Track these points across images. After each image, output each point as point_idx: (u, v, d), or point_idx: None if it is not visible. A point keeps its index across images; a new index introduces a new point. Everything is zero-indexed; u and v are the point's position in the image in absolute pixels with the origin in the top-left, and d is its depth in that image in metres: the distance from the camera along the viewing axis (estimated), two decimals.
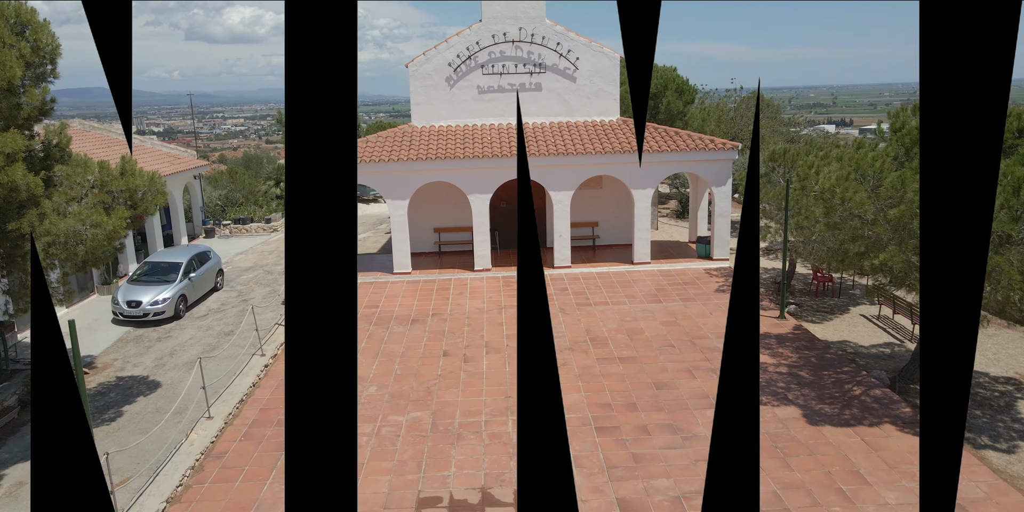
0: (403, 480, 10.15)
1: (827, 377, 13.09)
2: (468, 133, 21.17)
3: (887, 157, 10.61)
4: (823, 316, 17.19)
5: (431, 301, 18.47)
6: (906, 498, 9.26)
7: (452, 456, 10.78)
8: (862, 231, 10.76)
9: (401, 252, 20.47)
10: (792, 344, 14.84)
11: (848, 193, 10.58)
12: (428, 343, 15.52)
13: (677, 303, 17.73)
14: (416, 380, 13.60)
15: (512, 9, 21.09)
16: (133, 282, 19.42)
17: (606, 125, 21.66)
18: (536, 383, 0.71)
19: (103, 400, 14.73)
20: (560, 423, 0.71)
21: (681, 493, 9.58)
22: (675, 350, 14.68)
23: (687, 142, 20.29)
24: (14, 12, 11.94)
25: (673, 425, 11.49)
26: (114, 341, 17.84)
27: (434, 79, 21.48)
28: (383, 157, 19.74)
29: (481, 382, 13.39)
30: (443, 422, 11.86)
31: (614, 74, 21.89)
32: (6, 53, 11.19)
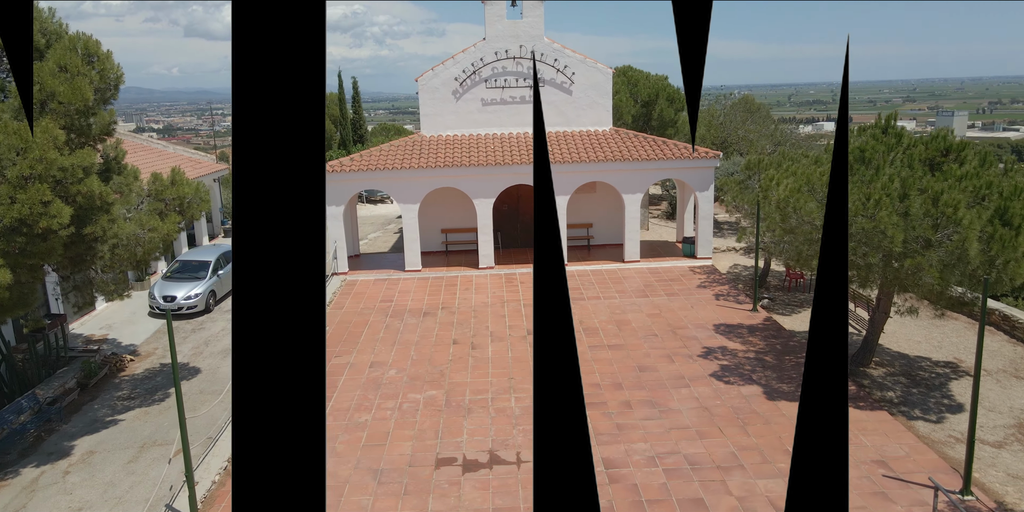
0: (423, 444, 12.08)
1: (788, 361, 15.04)
2: (473, 142, 23.09)
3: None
4: (792, 309, 19.14)
5: (440, 296, 20.39)
6: None
7: (464, 426, 12.71)
8: (812, 236, 12.70)
9: (412, 251, 22.40)
10: (761, 333, 16.78)
11: (800, 203, 12.51)
12: (439, 333, 17.45)
13: (662, 298, 19.66)
14: (430, 364, 15.53)
15: (513, 28, 22.99)
16: (167, 279, 21.34)
17: (599, 134, 23.58)
18: (556, 355, 0.65)
19: (151, 383, 16.64)
20: (578, 390, 0.66)
21: (655, 454, 11.52)
22: (658, 339, 16.61)
23: (673, 151, 22.21)
24: (83, 45, 13.83)
25: (652, 401, 13.43)
26: (153, 332, 19.76)
27: (442, 92, 23.39)
28: (396, 164, 21.65)
29: (487, 366, 15.32)
30: (455, 399, 13.79)
31: (607, 87, 23.80)
32: (81, 80, 13.08)
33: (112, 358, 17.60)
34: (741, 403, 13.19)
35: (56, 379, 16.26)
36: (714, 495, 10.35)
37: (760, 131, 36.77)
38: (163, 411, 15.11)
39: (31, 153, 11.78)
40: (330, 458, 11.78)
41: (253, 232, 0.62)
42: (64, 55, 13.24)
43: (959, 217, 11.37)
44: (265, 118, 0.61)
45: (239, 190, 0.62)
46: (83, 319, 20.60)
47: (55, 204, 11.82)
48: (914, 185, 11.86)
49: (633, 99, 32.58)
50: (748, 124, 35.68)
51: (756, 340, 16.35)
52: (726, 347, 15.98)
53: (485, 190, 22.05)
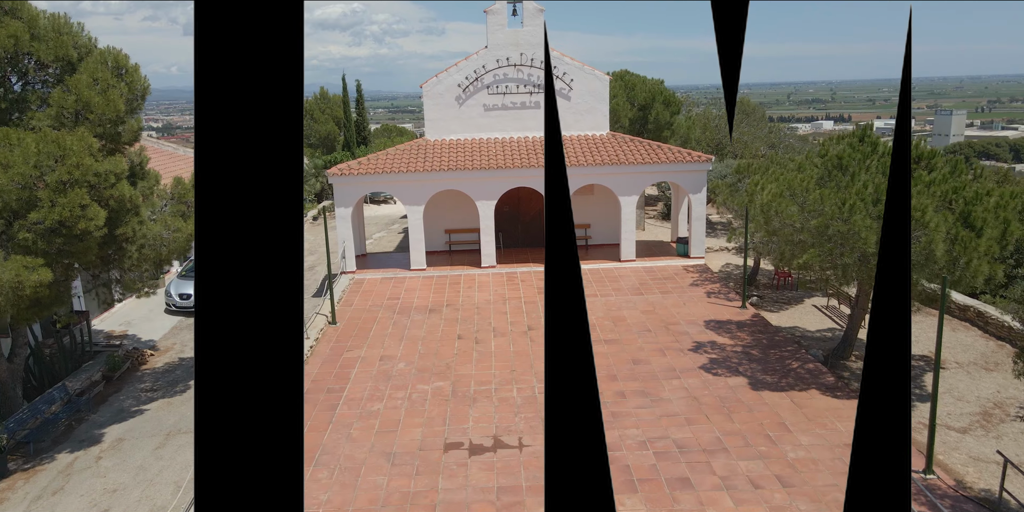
0: (432, 430, 13.06)
1: (773, 355, 16.02)
2: (476, 146, 24.06)
3: (811, 179, 13.50)
4: (780, 306, 20.12)
5: (445, 294, 21.37)
6: (816, 441, 12.19)
7: (469, 414, 13.68)
8: (793, 237, 13.67)
9: (417, 251, 23.38)
10: (749, 329, 17.76)
11: (781, 207, 13.48)
12: (444, 328, 18.42)
13: (656, 295, 20.64)
14: (436, 358, 16.50)
15: (514, 36, 23.96)
16: (182, 277, 22.29)
17: (597, 139, 24.55)
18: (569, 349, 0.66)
19: (172, 376, 17.60)
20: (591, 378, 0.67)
21: (647, 438, 12.50)
22: (651, 334, 17.59)
23: (667, 155, 23.18)
24: (113, 58, 14.78)
25: (645, 391, 14.40)
26: (170, 328, 20.72)
27: (446, 98, 24.36)
28: (402, 168, 22.62)
29: (490, 359, 16.29)
30: (461, 389, 14.77)
31: (604, 93, 24.77)
32: (113, 92, 14.04)
33: (134, 352, 18.57)
34: (727, 393, 14.17)
35: (83, 372, 17.23)
36: (699, 475, 11.33)
37: (755, 133, 37.70)
38: (185, 402, 16.07)
39: (68, 160, 12.73)
40: (347, 443, 12.75)
41: (220, 250, 0.58)
42: (96, 68, 14.20)
43: (926, 220, 12.34)
44: (232, 125, 0.56)
45: (202, 209, 0.58)
46: (103, 316, 21.56)
47: (92, 207, 12.78)
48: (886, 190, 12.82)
49: (630, 103, 33.53)
50: (743, 126, 36.63)
51: (744, 335, 17.33)
52: (715, 341, 16.95)
53: (487, 192, 23.01)
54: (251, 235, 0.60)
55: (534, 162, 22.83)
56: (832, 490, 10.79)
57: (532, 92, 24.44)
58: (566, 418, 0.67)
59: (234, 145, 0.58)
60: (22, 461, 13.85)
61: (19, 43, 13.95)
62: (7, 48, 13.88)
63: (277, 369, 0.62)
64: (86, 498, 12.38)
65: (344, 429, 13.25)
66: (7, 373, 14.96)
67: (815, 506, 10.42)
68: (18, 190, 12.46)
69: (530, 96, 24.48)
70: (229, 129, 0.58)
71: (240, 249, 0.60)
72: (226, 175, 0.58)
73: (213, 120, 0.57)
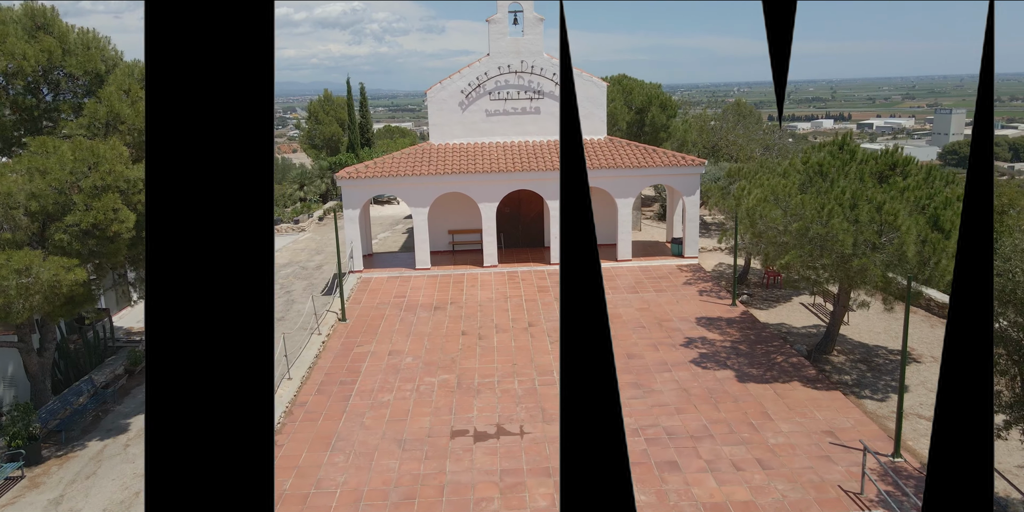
0: (439, 419, 14.03)
1: (759, 349, 16.98)
2: (478, 150, 25.02)
3: (793, 185, 14.45)
4: (769, 304, 21.08)
5: (449, 292, 22.33)
6: (795, 428, 13.16)
7: (474, 404, 14.65)
8: (777, 239, 14.63)
9: (422, 251, 24.35)
10: (738, 325, 18.72)
11: (765, 211, 14.44)
12: (449, 325, 19.39)
13: (651, 294, 21.60)
14: (442, 352, 17.47)
15: (515, 45, 24.92)
16: None
17: (595, 143, 25.51)
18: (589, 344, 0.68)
19: None
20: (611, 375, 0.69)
21: (639, 426, 13.47)
22: (645, 330, 18.55)
23: (662, 159, 24.13)
24: (139, 71, 15.74)
25: (638, 383, 15.36)
26: None
27: (449, 104, 25.32)
28: (407, 171, 23.58)
29: (493, 354, 17.26)
30: (466, 382, 15.73)
31: (601, 99, 25.72)
32: (142, 104, 14.99)
33: None
34: (715, 385, 15.13)
35: (107, 366, 18.22)
36: (687, 458, 12.30)
37: (750, 136, 38.58)
38: None
39: (102, 167, 13.70)
40: (360, 430, 13.72)
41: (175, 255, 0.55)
42: (124, 80, 15.16)
43: (899, 223, 13.30)
44: (190, 128, 0.52)
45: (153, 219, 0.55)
46: (121, 313, 22.53)
47: (123, 211, 13.75)
48: (862, 196, 13.79)
49: (628, 106, 34.47)
50: (738, 129, 37.51)
51: (733, 331, 18.29)
52: (706, 337, 17.91)
53: (489, 195, 23.97)
54: (207, 241, 0.57)
55: (534, 165, 23.78)
56: (807, 472, 11.75)
57: (532, 98, 25.39)
58: (583, 407, 0.69)
59: (190, 147, 0.55)
60: (55, 448, 14.82)
61: (52, 57, 14.92)
62: (40, 62, 14.85)
63: (242, 377, 0.60)
64: (118, 482, 13.35)
65: (357, 418, 14.21)
66: (37, 367, 15.93)
67: (791, 486, 11.38)
68: (55, 194, 13.43)
69: (530, 102, 25.43)
70: (183, 129, 0.55)
71: (196, 254, 0.58)
72: (180, 181, 0.55)
73: (165, 119, 0.55)
